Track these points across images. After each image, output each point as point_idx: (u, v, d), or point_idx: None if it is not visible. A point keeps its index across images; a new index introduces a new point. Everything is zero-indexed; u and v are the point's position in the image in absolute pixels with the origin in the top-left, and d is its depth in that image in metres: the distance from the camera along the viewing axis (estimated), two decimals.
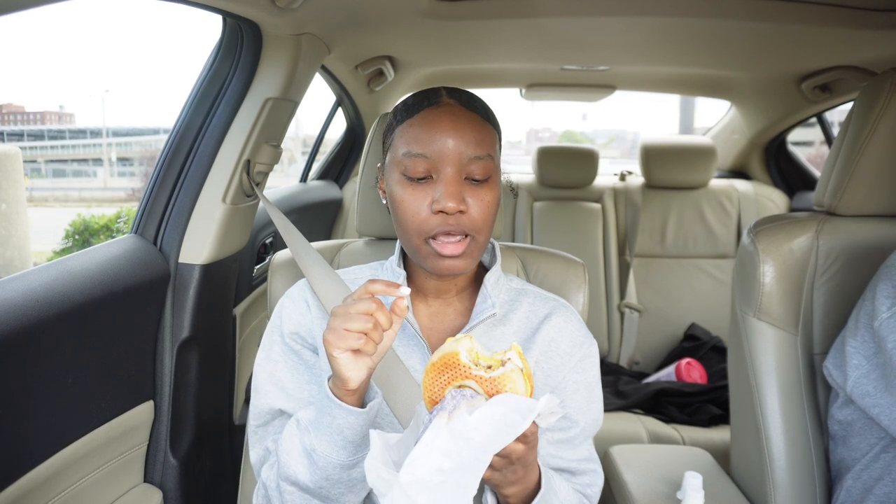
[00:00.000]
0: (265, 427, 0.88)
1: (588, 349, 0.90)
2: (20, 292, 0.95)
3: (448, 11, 1.41)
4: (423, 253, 0.80)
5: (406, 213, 0.80)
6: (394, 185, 0.82)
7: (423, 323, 0.89)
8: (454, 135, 0.78)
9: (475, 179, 0.80)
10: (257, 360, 0.90)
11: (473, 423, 0.61)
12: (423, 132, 0.79)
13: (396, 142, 0.82)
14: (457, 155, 0.78)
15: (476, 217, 0.79)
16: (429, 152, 0.78)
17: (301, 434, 0.76)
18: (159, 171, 1.33)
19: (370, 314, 0.68)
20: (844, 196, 1.15)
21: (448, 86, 0.86)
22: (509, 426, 0.61)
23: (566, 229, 2.49)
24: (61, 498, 1.05)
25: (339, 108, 2.39)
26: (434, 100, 0.82)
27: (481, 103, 0.85)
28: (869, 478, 0.99)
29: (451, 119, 0.79)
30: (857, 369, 0.98)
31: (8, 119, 20.95)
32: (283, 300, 0.92)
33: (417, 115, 0.81)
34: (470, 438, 0.61)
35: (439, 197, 0.77)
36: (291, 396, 0.86)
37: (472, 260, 0.81)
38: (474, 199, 0.79)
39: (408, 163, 0.79)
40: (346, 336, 0.68)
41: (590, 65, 2.09)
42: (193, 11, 1.11)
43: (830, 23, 1.37)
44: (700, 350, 2.29)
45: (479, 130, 0.80)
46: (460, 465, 0.61)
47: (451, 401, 0.65)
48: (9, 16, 0.74)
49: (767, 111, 2.45)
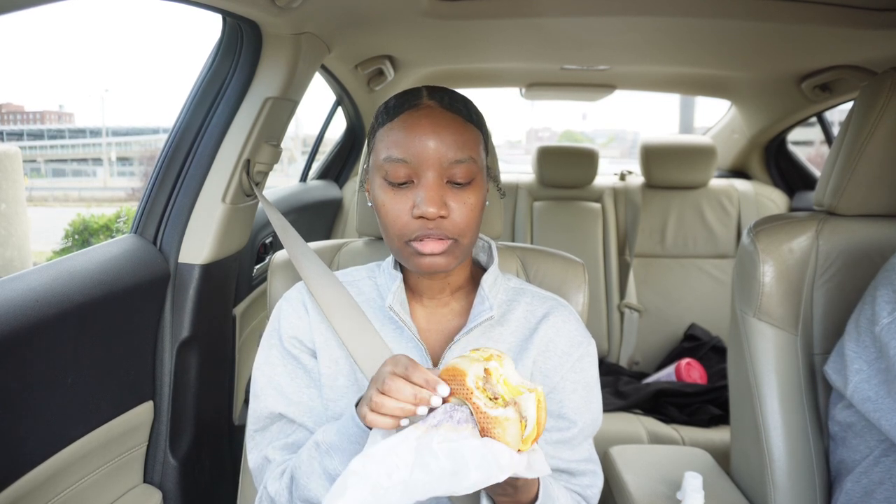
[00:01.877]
0: (263, 432, 0.87)
1: (586, 349, 0.90)
2: (20, 292, 0.95)
3: (448, 11, 1.41)
4: (405, 254, 0.80)
5: (387, 218, 0.79)
6: (376, 188, 0.81)
7: (420, 325, 0.89)
8: (434, 138, 0.77)
9: (457, 183, 0.79)
10: (256, 364, 0.89)
11: (440, 454, 0.60)
12: (403, 136, 0.78)
13: (378, 145, 0.81)
14: (437, 159, 0.77)
15: (458, 221, 0.78)
16: (409, 157, 0.77)
17: (322, 457, 0.75)
18: (159, 170, 1.33)
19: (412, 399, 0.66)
20: (844, 196, 1.15)
21: (430, 85, 0.85)
22: (476, 471, 0.59)
23: (566, 229, 2.49)
24: (61, 498, 1.05)
25: (338, 107, 2.39)
26: (414, 102, 0.81)
27: (464, 103, 0.83)
28: (869, 482, 0.99)
29: (430, 122, 0.78)
30: (858, 374, 0.97)
31: (7, 119, 20.95)
32: (280, 303, 0.92)
33: (397, 119, 0.80)
34: (426, 465, 0.60)
35: (420, 202, 0.76)
36: (291, 401, 0.86)
37: (454, 259, 0.80)
38: (456, 202, 0.78)
39: (388, 167, 0.78)
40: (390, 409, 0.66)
41: (590, 64, 2.09)
42: (193, 11, 1.11)
43: (830, 22, 1.37)
44: (700, 350, 2.29)
45: (461, 133, 0.79)
46: (405, 483, 0.60)
47: (439, 415, 0.63)
48: (9, 16, 0.74)
49: (767, 111, 2.45)
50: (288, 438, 0.86)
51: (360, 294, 0.92)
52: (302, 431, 0.86)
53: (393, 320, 0.88)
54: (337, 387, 0.86)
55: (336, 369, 0.87)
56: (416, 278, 0.88)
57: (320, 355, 0.87)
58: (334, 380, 0.86)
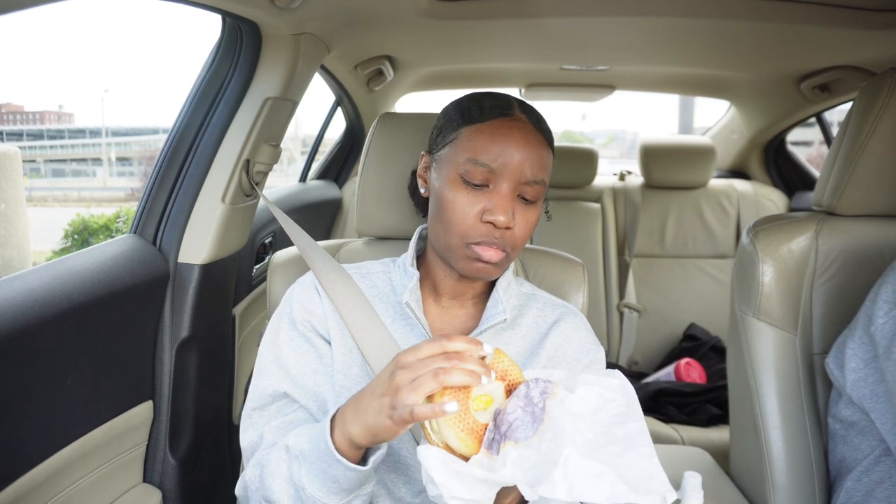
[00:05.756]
0: (261, 410, 0.86)
1: (595, 355, 0.90)
2: (19, 292, 0.95)
3: (448, 11, 1.41)
4: (461, 254, 0.81)
5: (454, 215, 0.80)
6: (446, 182, 0.81)
7: (433, 323, 0.89)
8: (522, 153, 0.79)
9: (525, 199, 0.81)
10: (262, 343, 0.89)
11: (580, 405, 0.61)
12: (493, 143, 0.79)
13: (462, 142, 0.81)
14: (519, 174, 0.79)
15: (518, 235, 0.81)
16: (495, 165, 0.78)
17: (290, 462, 0.73)
18: (158, 170, 1.33)
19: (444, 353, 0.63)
20: (844, 196, 1.15)
21: (519, 98, 0.86)
22: (609, 401, 0.61)
23: (565, 229, 2.49)
24: (60, 498, 1.05)
25: (338, 107, 2.39)
26: (507, 111, 0.82)
27: (547, 126, 0.85)
28: (870, 481, 0.99)
29: (522, 137, 0.79)
30: (855, 372, 0.98)
31: (7, 119, 20.92)
32: (292, 288, 0.92)
33: (489, 123, 0.80)
34: (582, 415, 0.60)
35: (492, 208, 0.78)
36: (296, 382, 0.85)
37: (501, 269, 0.83)
38: (521, 217, 0.80)
39: (470, 168, 0.79)
40: (423, 373, 0.62)
41: (589, 64, 2.10)
42: (193, 11, 1.11)
43: (830, 23, 1.37)
44: (699, 350, 2.29)
45: (543, 155, 0.81)
46: (595, 444, 0.59)
47: (542, 386, 0.63)
48: (9, 15, 0.74)
49: (767, 111, 2.45)
50: (286, 417, 0.84)
51: (374, 288, 0.91)
52: (303, 412, 0.85)
53: (405, 317, 0.88)
54: (351, 375, 0.85)
55: (350, 358, 0.86)
56: (441, 277, 0.88)
57: (335, 343, 0.86)
58: (348, 367, 0.86)
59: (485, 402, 0.63)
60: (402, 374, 0.63)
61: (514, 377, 0.66)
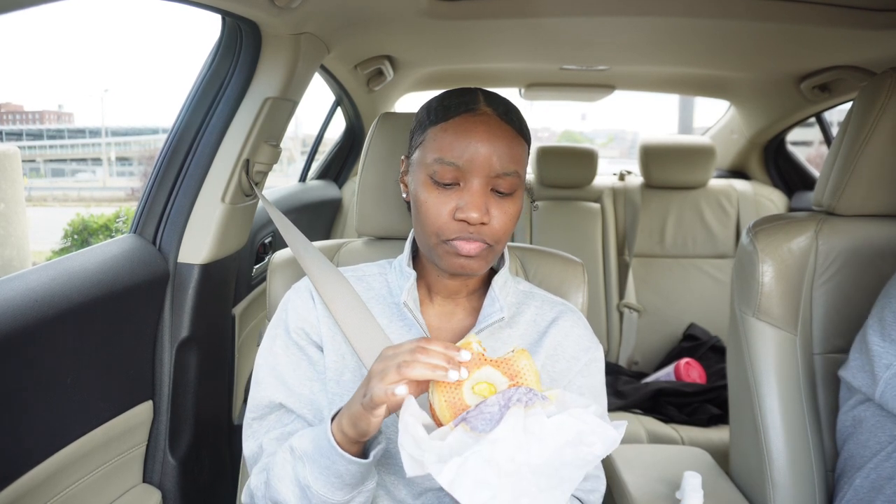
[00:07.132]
0: (261, 420, 0.87)
1: (594, 353, 0.90)
2: (19, 292, 0.95)
3: (447, 11, 1.41)
4: (440, 252, 0.81)
5: (427, 215, 0.80)
6: (419, 184, 0.81)
7: (430, 323, 0.89)
8: (487, 147, 0.78)
9: (500, 192, 0.80)
10: (259, 352, 0.89)
11: (549, 429, 0.60)
12: (457, 141, 0.78)
13: (428, 143, 0.81)
14: (487, 168, 0.78)
15: (497, 228, 0.80)
16: (460, 162, 0.78)
17: (295, 463, 0.75)
18: (158, 170, 1.33)
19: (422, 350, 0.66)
20: (843, 196, 1.15)
21: (486, 90, 0.85)
22: (585, 445, 0.60)
23: (565, 229, 2.49)
24: (60, 498, 1.05)
25: (338, 107, 2.39)
26: (472, 105, 0.81)
27: (516, 114, 0.84)
28: (878, 477, 0.98)
29: (486, 130, 0.79)
30: (889, 369, 0.95)
31: (6, 118, 20.92)
32: (289, 294, 0.92)
33: (452, 121, 0.80)
34: (542, 438, 0.60)
35: (464, 206, 0.78)
36: (292, 392, 0.86)
37: (485, 263, 0.82)
38: (498, 210, 0.80)
39: (437, 168, 0.79)
40: (402, 363, 0.65)
41: (589, 64, 2.10)
42: (193, 11, 1.11)
43: (830, 23, 1.37)
44: (699, 350, 2.29)
45: (512, 146, 0.80)
46: (530, 465, 0.59)
47: (523, 395, 0.63)
48: (9, 15, 0.74)
49: (766, 111, 2.45)
50: (285, 428, 0.85)
51: (370, 290, 0.92)
52: (300, 422, 0.86)
53: (403, 317, 0.88)
54: (343, 381, 0.86)
55: (342, 364, 0.86)
56: (434, 277, 0.88)
57: (327, 349, 0.87)
58: (340, 374, 0.86)
59: (487, 389, 0.66)
60: (376, 365, 0.68)
61: (525, 380, 0.66)
